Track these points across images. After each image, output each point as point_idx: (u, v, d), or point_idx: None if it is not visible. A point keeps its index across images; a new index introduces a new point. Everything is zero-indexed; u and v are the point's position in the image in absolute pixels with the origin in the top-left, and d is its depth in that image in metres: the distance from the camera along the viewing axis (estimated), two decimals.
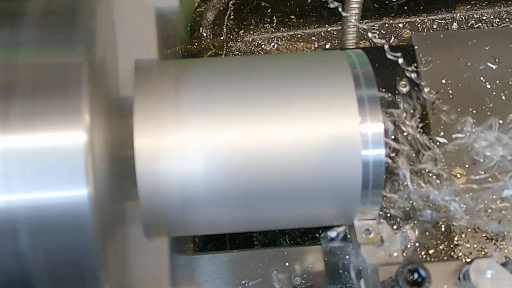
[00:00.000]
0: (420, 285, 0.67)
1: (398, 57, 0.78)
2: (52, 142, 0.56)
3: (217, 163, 0.68)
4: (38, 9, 0.62)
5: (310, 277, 0.89)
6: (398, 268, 0.68)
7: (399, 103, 0.90)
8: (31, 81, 0.58)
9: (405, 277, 0.67)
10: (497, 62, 1.03)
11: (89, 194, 0.56)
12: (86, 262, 0.59)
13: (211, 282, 0.89)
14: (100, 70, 0.62)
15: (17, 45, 0.60)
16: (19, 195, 0.56)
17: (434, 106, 0.98)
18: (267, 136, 0.68)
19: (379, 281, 0.69)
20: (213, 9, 1.31)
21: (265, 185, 0.69)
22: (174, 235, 0.80)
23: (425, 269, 0.67)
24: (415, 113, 0.84)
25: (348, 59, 0.73)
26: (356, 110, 0.69)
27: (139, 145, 0.67)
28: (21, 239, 0.57)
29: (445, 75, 1.02)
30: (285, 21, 1.31)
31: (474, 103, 1.00)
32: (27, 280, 0.59)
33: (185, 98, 0.69)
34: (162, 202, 0.68)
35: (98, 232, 0.58)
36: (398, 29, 1.28)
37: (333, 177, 0.69)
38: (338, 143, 0.68)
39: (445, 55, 1.04)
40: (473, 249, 0.89)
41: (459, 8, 1.28)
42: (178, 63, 0.78)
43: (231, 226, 0.76)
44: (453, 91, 1.00)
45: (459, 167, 0.89)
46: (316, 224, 0.80)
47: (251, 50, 1.28)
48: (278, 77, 0.71)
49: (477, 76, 1.02)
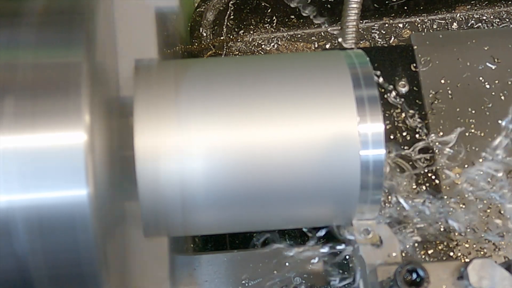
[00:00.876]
0: (419, 285, 0.67)
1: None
2: (52, 142, 0.56)
3: (217, 163, 0.68)
4: (38, 9, 0.62)
5: (310, 277, 0.89)
6: (397, 268, 0.68)
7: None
8: (31, 81, 0.58)
9: (404, 277, 0.67)
10: (496, 62, 1.03)
11: (89, 194, 0.56)
12: (86, 262, 0.59)
13: (211, 282, 0.89)
14: (100, 70, 0.62)
15: (17, 45, 0.60)
16: (19, 195, 0.56)
17: (434, 106, 0.98)
18: (266, 136, 0.68)
19: (378, 281, 0.69)
20: (213, 9, 1.31)
21: (264, 185, 0.69)
22: (174, 235, 0.80)
23: (424, 269, 0.67)
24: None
25: (348, 59, 0.73)
26: (355, 110, 0.69)
27: (139, 145, 0.67)
28: (21, 239, 0.57)
29: (444, 75, 1.02)
30: (285, 21, 1.31)
31: (473, 103, 1.00)
32: (27, 281, 0.59)
33: (185, 98, 0.69)
34: (162, 202, 0.68)
35: (98, 232, 0.58)
36: (398, 29, 1.27)
37: (331, 177, 0.69)
38: (336, 143, 0.68)
39: (444, 55, 1.04)
40: (472, 249, 0.89)
41: (459, 8, 1.28)
42: (178, 63, 0.78)
43: (231, 226, 0.76)
44: (452, 91, 1.00)
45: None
46: (315, 224, 0.80)
47: (251, 50, 1.28)
48: (276, 77, 0.71)
49: (476, 76, 1.02)
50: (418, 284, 0.67)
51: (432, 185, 0.92)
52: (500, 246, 0.90)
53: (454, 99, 0.80)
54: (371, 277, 0.70)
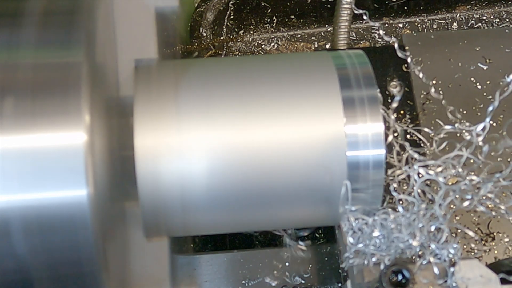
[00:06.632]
0: (404, 286, 0.67)
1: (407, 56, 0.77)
2: (52, 142, 0.56)
3: (217, 163, 0.68)
4: (38, 9, 0.62)
5: (310, 277, 0.89)
6: (382, 269, 0.68)
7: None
8: (31, 81, 0.58)
9: (389, 278, 0.67)
10: (488, 62, 1.03)
11: (89, 194, 0.56)
12: (86, 262, 0.59)
13: (211, 282, 0.89)
14: (100, 70, 0.62)
15: (17, 45, 0.60)
16: (19, 195, 0.56)
17: (425, 106, 0.98)
18: (263, 137, 0.68)
19: (364, 282, 0.69)
20: (213, 9, 1.31)
21: (262, 185, 0.69)
22: (174, 235, 0.80)
23: (409, 270, 0.67)
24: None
25: (337, 60, 0.73)
26: (341, 111, 0.69)
27: (139, 145, 0.67)
28: (20, 240, 0.57)
29: (435, 76, 1.02)
30: (285, 21, 1.31)
31: (464, 103, 1.00)
32: (27, 281, 0.59)
33: (185, 98, 0.69)
34: (162, 202, 0.68)
35: (98, 232, 0.58)
36: (398, 29, 1.27)
37: (319, 178, 0.69)
38: (324, 144, 0.68)
39: (436, 56, 1.04)
40: (462, 249, 0.89)
41: (459, 8, 1.28)
42: (178, 63, 0.78)
43: (231, 226, 0.76)
44: (444, 92, 0.99)
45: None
46: (312, 224, 0.80)
47: (251, 50, 1.28)
48: (268, 78, 0.71)
49: (467, 77, 1.02)
50: (404, 285, 0.67)
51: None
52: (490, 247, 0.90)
53: (446, 100, 0.80)
54: (358, 277, 0.70)
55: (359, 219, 0.71)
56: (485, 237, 0.91)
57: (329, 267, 0.89)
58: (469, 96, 1.00)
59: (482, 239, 0.90)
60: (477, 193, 0.70)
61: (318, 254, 0.90)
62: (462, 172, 0.71)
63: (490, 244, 0.90)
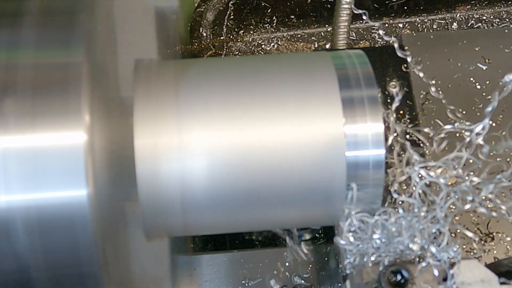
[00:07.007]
0: (403, 286, 0.67)
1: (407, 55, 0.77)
2: (52, 142, 0.56)
3: (217, 163, 0.68)
4: (38, 9, 0.62)
5: (310, 277, 0.89)
6: (381, 269, 0.68)
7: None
8: (31, 81, 0.58)
9: (388, 279, 0.67)
10: (487, 63, 1.03)
11: (89, 194, 0.56)
12: (86, 262, 0.59)
13: (211, 282, 0.90)
14: (100, 70, 0.62)
15: (17, 45, 0.60)
16: (19, 195, 0.56)
17: (424, 106, 0.98)
18: (262, 137, 0.68)
19: (363, 282, 0.69)
20: (213, 9, 1.31)
21: (261, 185, 0.69)
22: (174, 235, 0.80)
23: (408, 270, 0.67)
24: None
25: (337, 60, 0.73)
26: (340, 111, 0.69)
27: (139, 145, 0.67)
28: (20, 240, 0.57)
29: (435, 76, 1.02)
30: (285, 21, 1.32)
31: (464, 103, 1.00)
32: (27, 281, 0.59)
33: (185, 98, 0.69)
34: (162, 202, 0.68)
35: (98, 232, 0.58)
36: (398, 29, 1.27)
37: (319, 178, 0.69)
38: (323, 144, 0.68)
39: (435, 56, 1.04)
40: (462, 250, 0.89)
41: (459, 8, 1.28)
42: (178, 63, 0.78)
43: (231, 226, 0.76)
44: (443, 92, 0.99)
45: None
46: (312, 224, 0.80)
47: (251, 50, 1.28)
48: (266, 78, 0.71)
49: (467, 77, 1.02)
50: (403, 285, 0.67)
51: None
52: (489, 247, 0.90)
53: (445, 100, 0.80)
54: (356, 278, 0.70)
55: (360, 220, 0.71)
56: (484, 237, 0.91)
57: (329, 267, 0.89)
58: (468, 96, 1.00)
59: (482, 239, 0.90)
60: (478, 194, 0.70)
61: (318, 254, 0.90)
62: (463, 173, 0.71)
63: (489, 244, 0.90)
